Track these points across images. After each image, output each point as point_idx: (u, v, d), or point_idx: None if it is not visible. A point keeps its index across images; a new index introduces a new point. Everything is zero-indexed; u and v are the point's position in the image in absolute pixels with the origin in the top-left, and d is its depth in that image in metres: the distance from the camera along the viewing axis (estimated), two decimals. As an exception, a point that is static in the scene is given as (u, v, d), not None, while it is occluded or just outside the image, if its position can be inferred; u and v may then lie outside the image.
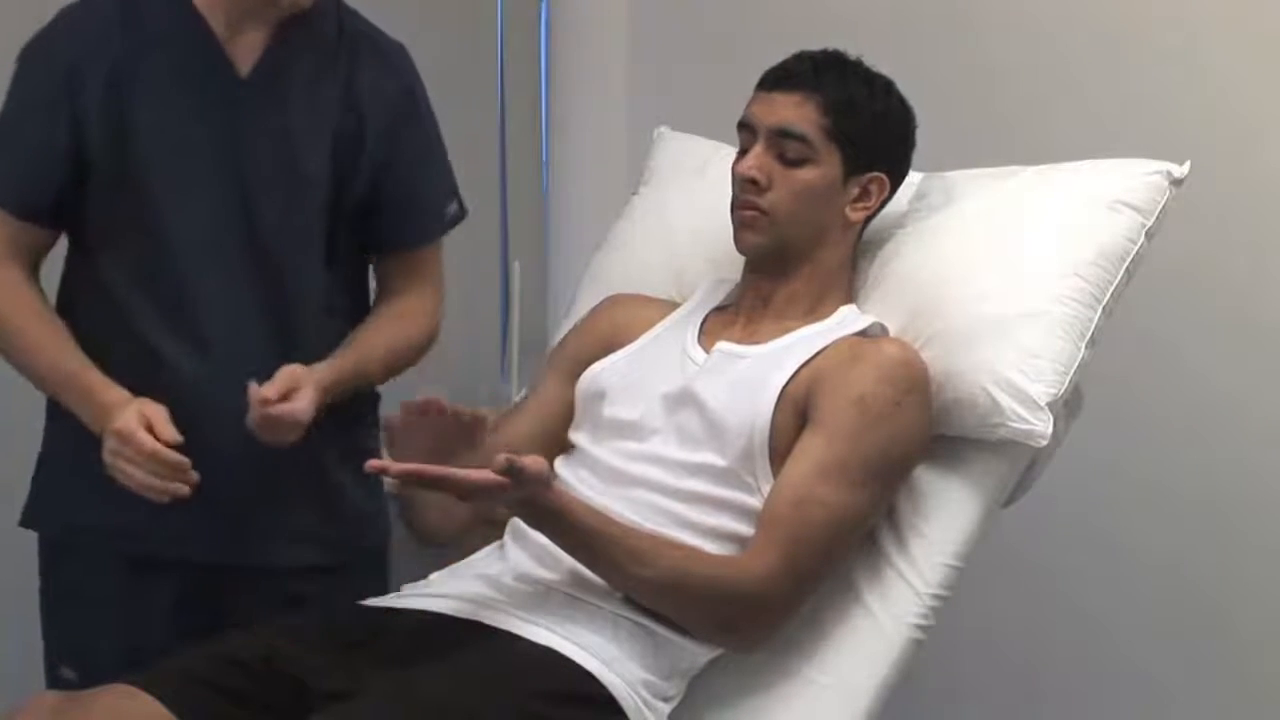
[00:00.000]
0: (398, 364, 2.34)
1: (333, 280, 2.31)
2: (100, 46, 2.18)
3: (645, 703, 2.01)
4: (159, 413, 2.12)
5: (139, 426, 2.09)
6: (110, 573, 2.24)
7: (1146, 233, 2.23)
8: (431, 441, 1.98)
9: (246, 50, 2.22)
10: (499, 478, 1.90)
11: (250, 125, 2.21)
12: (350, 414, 2.29)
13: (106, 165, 2.18)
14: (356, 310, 2.36)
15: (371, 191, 2.31)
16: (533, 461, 1.93)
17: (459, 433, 1.99)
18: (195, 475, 2.10)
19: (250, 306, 2.23)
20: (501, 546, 2.18)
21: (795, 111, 2.18)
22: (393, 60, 2.34)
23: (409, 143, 2.34)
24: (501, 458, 1.90)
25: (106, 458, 2.12)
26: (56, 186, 2.19)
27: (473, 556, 2.21)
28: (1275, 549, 2.71)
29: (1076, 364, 2.17)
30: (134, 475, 2.10)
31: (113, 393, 2.15)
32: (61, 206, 2.21)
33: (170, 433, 2.11)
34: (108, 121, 2.17)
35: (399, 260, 2.38)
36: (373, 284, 2.41)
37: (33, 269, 2.24)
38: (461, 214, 2.43)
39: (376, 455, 2.32)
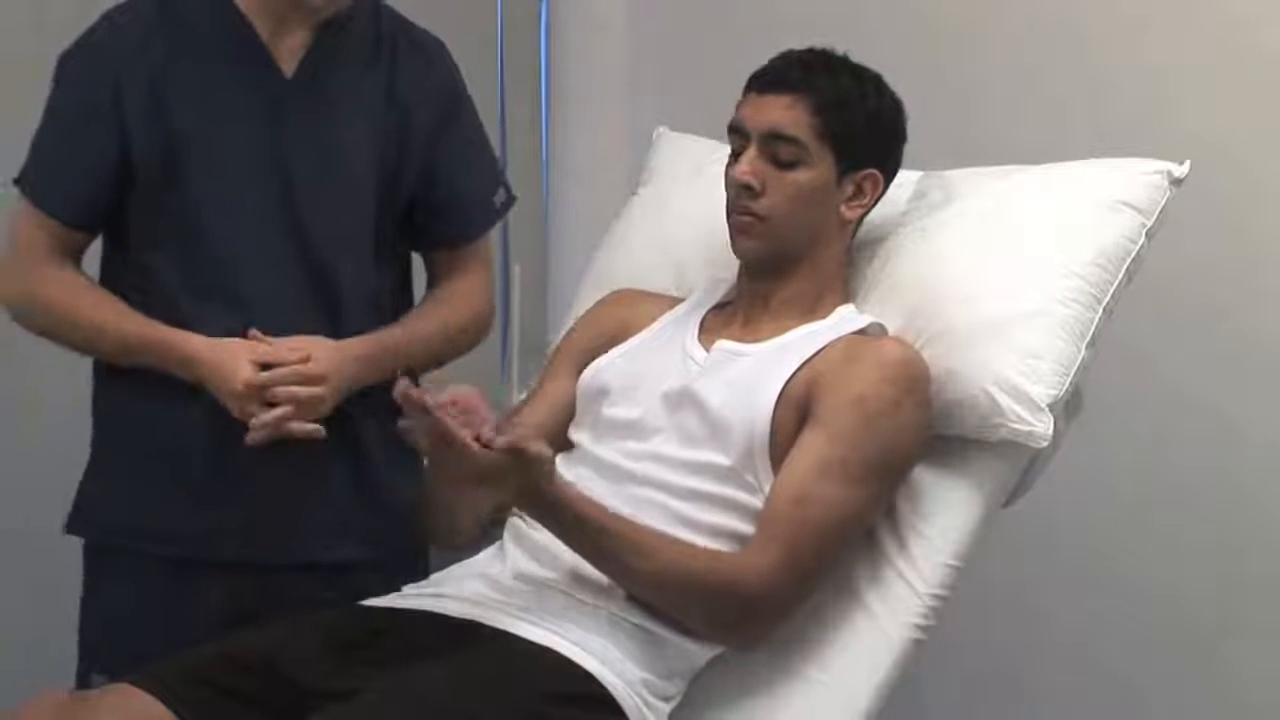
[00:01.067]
0: (449, 345, 2.35)
1: (381, 280, 2.32)
2: (144, 52, 2.18)
3: (645, 702, 2.01)
4: (260, 348, 2.16)
5: (246, 379, 2.13)
6: (152, 577, 2.24)
7: (1147, 233, 2.23)
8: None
9: (289, 52, 2.22)
10: (501, 456, 1.90)
11: (296, 126, 2.22)
12: (390, 404, 2.29)
13: (154, 170, 2.19)
14: (404, 309, 2.37)
15: (420, 190, 2.32)
16: (537, 447, 1.93)
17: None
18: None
19: (300, 307, 2.23)
20: (501, 547, 2.19)
21: (786, 114, 2.18)
22: (432, 55, 2.34)
23: (454, 138, 2.34)
24: (503, 440, 1.90)
25: (238, 415, 2.14)
26: (106, 196, 2.21)
27: (473, 557, 2.21)
28: (1271, 563, 2.71)
29: (1077, 365, 2.16)
30: (270, 417, 2.14)
31: (193, 342, 2.17)
32: (108, 213, 2.23)
33: (281, 354, 2.15)
34: (154, 127, 2.18)
35: (450, 254, 2.38)
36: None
37: (77, 265, 2.26)
38: (510, 200, 2.44)
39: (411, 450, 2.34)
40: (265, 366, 2.15)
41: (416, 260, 2.42)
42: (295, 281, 2.23)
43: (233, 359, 2.15)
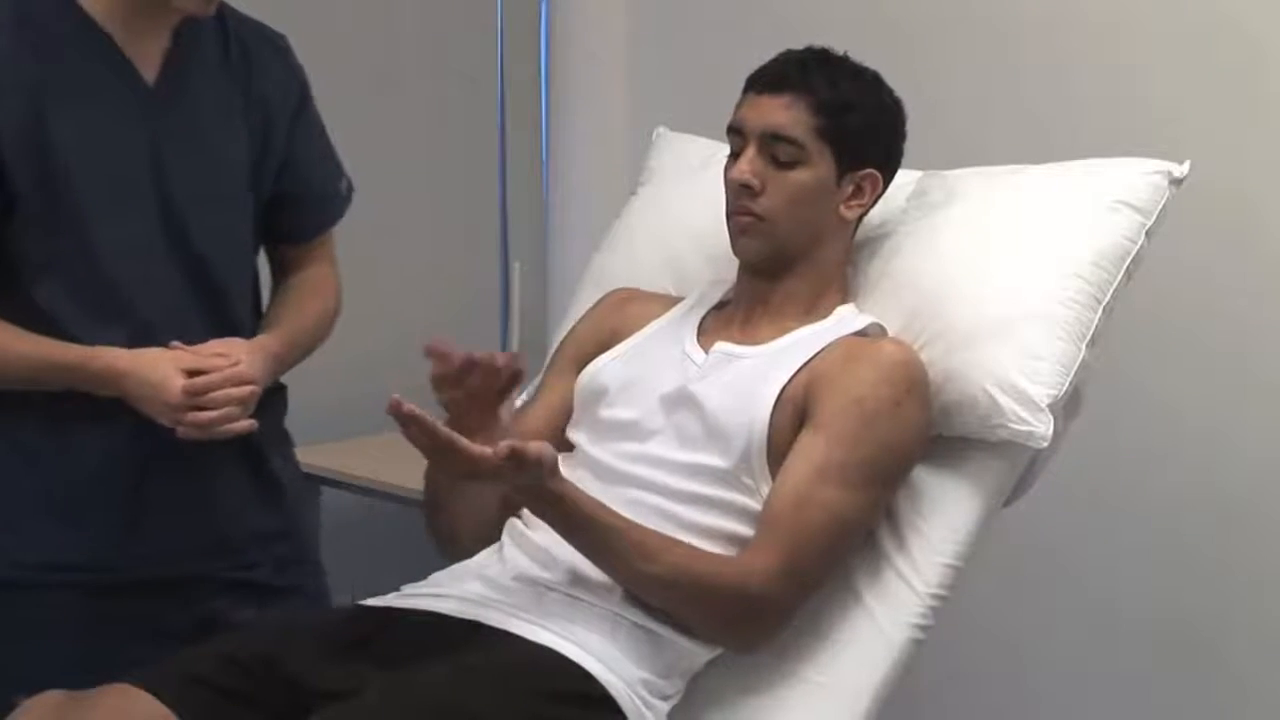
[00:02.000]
0: (321, 336, 2.37)
1: (252, 276, 2.34)
2: (14, 64, 2.12)
3: (644, 702, 2.01)
4: (186, 356, 2.13)
5: (185, 386, 2.10)
6: (67, 605, 2.20)
7: (1147, 233, 2.23)
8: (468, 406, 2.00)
9: (148, 58, 2.19)
10: (500, 460, 1.90)
11: (167, 132, 2.20)
12: (271, 398, 2.30)
13: (31, 185, 2.13)
14: (258, 303, 2.38)
15: (279, 185, 2.32)
16: (537, 447, 1.93)
17: (491, 386, 2.00)
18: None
19: (192, 316, 2.22)
20: (500, 548, 2.18)
21: (785, 114, 2.17)
22: (282, 51, 2.34)
23: (307, 131, 2.35)
24: (504, 445, 1.90)
25: (169, 424, 2.12)
26: None
27: (472, 558, 2.21)
28: (1270, 566, 2.71)
29: (1077, 365, 2.16)
30: (208, 418, 2.12)
31: (114, 356, 2.13)
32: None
33: (210, 361, 2.13)
34: (29, 141, 2.12)
35: (304, 245, 2.40)
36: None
37: None
38: (351, 189, 2.44)
39: (290, 439, 2.37)
40: (192, 374, 2.13)
41: None
42: (185, 288, 2.22)
43: (159, 370, 2.12)
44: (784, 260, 2.21)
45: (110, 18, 2.16)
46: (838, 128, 2.17)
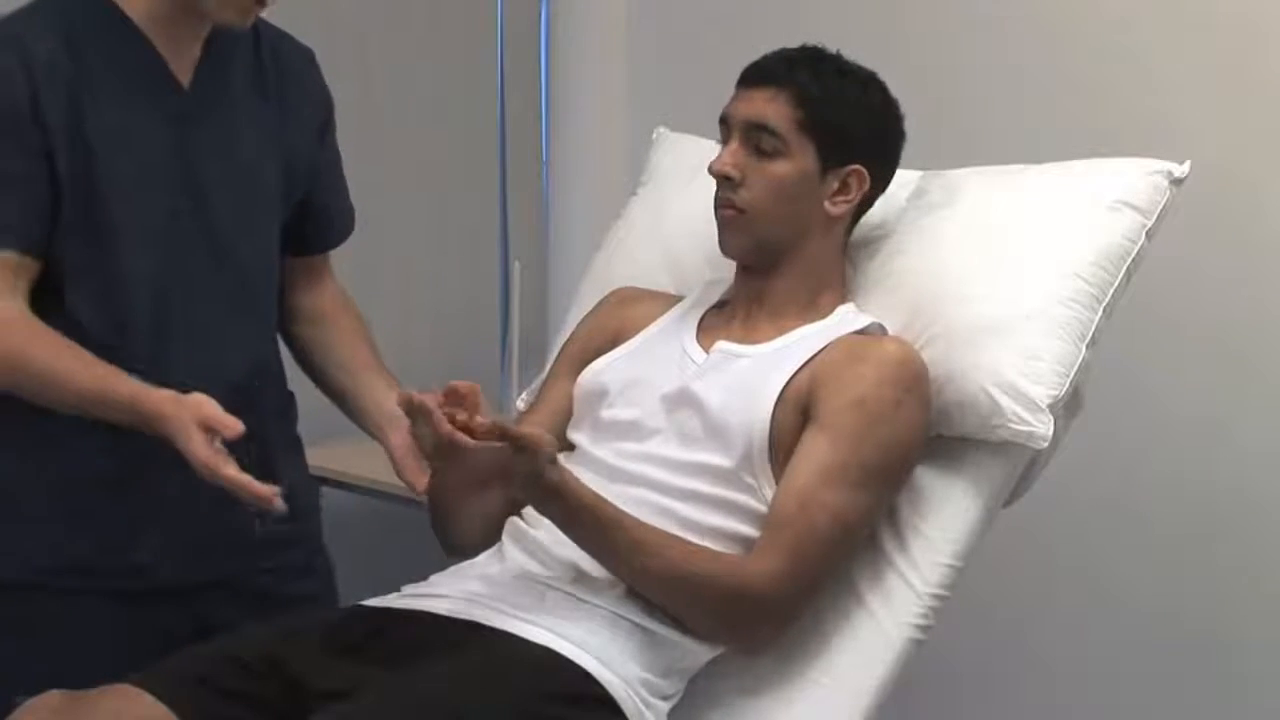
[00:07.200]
0: None
1: (279, 285, 2.33)
2: (54, 69, 2.12)
3: (644, 702, 2.01)
4: (214, 413, 2.05)
5: (210, 449, 2.02)
6: (74, 608, 2.20)
7: (1147, 233, 2.23)
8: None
9: (184, 65, 2.20)
10: (502, 449, 1.91)
11: (201, 139, 2.20)
12: (282, 408, 2.32)
13: (74, 187, 2.13)
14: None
15: (304, 196, 2.33)
16: (535, 433, 1.94)
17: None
18: (280, 503, 2.07)
19: (225, 323, 2.22)
20: (500, 548, 2.19)
21: (768, 106, 2.18)
22: (310, 65, 2.35)
23: (330, 145, 2.37)
24: (491, 421, 1.91)
25: (206, 479, 2.07)
26: (49, 214, 2.13)
27: (472, 559, 2.21)
28: (1270, 568, 2.71)
29: (1077, 365, 2.16)
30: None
31: (159, 401, 2.09)
32: (50, 236, 2.14)
33: (234, 425, 2.04)
34: (73, 142, 2.12)
35: (314, 260, 2.41)
36: None
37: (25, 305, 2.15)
38: (353, 211, 2.46)
39: (300, 445, 2.38)
40: (209, 430, 2.07)
41: None
42: (219, 295, 2.21)
43: (176, 416, 2.06)
44: (769, 255, 2.21)
45: (150, 22, 2.17)
46: (819, 121, 2.17)
